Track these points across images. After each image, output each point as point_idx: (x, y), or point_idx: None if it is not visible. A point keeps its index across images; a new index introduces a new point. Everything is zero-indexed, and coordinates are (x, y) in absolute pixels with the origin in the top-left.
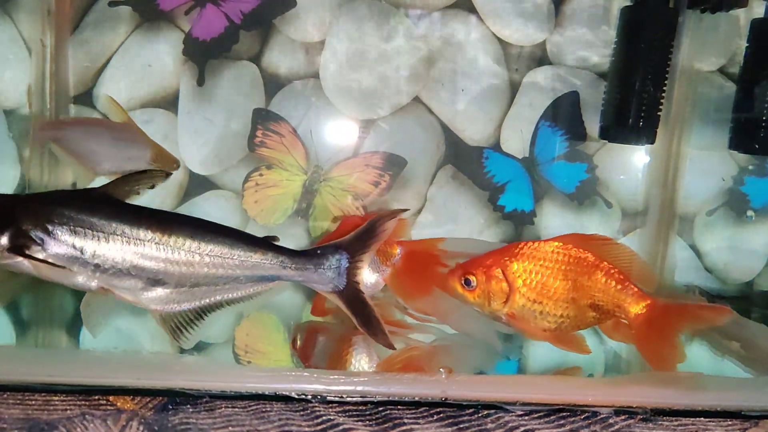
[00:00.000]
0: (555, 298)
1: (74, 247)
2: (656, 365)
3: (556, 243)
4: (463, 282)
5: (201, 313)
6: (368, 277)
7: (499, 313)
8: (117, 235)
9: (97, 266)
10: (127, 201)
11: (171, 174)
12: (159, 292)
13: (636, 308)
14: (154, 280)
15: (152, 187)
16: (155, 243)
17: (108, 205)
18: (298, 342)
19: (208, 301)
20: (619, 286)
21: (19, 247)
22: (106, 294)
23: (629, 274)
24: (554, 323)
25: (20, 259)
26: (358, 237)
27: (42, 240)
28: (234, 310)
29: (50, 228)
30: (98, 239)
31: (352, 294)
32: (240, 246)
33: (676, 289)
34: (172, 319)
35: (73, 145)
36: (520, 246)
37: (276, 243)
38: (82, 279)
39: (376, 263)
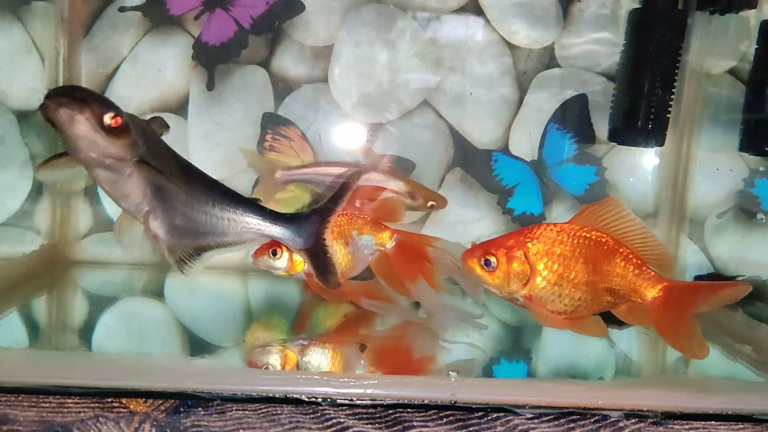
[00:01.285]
0: (574, 281)
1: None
2: (678, 346)
3: (577, 226)
4: (483, 263)
5: (199, 250)
6: (360, 254)
7: (516, 295)
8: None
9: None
10: None
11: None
12: (167, 226)
13: (652, 292)
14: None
15: None
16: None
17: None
18: None
19: (203, 241)
20: (636, 271)
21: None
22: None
23: (645, 253)
24: (571, 306)
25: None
26: (330, 200)
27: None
28: (241, 309)
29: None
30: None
31: (319, 250)
32: (232, 203)
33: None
34: (177, 250)
35: (314, 185)
36: (541, 228)
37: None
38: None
39: (371, 245)
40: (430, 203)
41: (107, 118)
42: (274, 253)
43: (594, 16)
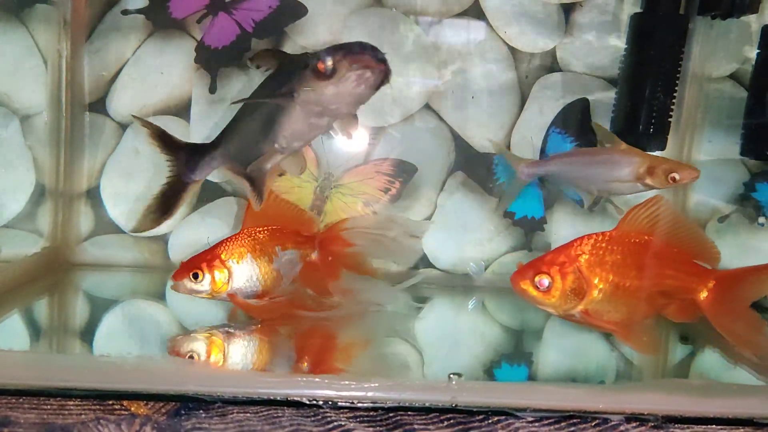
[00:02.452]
0: (629, 289)
1: None
2: (737, 340)
3: (624, 232)
4: (536, 283)
5: None
6: (286, 269)
7: (573, 312)
8: None
9: None
10: None
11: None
12: None
13: (704, 287)
14: None
15: None
16: None
17: None
18: None
19: None
20: (686, 269)
21: None
22: None
23: (693, 249)
24: (628, 314)
25: None
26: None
27: None
28: None
29: None
30: None
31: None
32: None
33: None
34: None
35: (563, 177)
36: (590, 239)
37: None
38: None
39: (295, 261)
40: (671, 176)
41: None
42: (195, 276)
43: (596, 20)
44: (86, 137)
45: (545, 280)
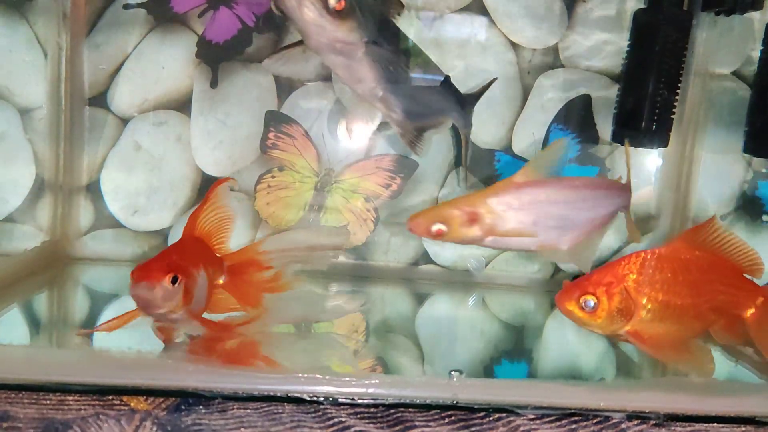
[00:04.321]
0: (678, 308)
1: None
2: None
3: (673, 249)
4: (582, 304)
5: (420, 130)
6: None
7: (620, 332)
8: None
9: None
10: None
11: None
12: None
13: (752, 304)
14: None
15: None
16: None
17: None
18: None
19: (428, 122)
20: (736, 283)
21: None
22: None
23: (741, 265)
24: (677, 333)
25: None
26: None
27: None
28: None
29: None
30: None
31: None
32: None
33: None
34: (407, 133)
35: None
36: (638, 257)
37: None
38: None
39: (203, 287)
40: None
41: (332, 2)
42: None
43: (599, 16)
44: (86, 131)
45: (591, 301)
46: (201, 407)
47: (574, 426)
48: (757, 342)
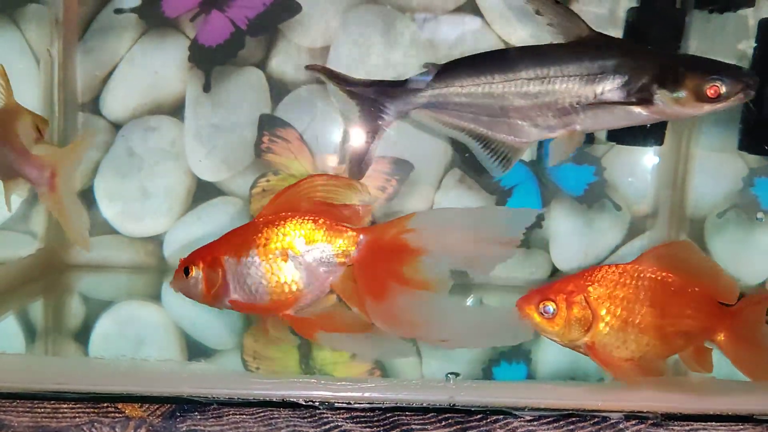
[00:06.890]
0: (640, 325)
1: None
2: (762, 376)
3: (640, 266)
4: (541, 309)
5: None
6: (312, 274)
7: (578, 343)
8: None
9: None
10: None
11: None
12: None
13: (723, 329)
14: None
15: None
16: None
17: None
18: None
19: None
20: (706, 310)
21: None
22: None
23: (714, 290)
24: (638, 353)
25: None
26: None
27: None
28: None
29: None
30: None
31: None
32: None
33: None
34: None
35: None
36: (602, 270)
37: None
38: None
39: (328, 260)
40: None
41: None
42: (186, 272)
43: (592, 14)
44: (79, 137)
45: (549, 307)
46: (196, 413)
47: (572, 427)
48: (736, 364)
